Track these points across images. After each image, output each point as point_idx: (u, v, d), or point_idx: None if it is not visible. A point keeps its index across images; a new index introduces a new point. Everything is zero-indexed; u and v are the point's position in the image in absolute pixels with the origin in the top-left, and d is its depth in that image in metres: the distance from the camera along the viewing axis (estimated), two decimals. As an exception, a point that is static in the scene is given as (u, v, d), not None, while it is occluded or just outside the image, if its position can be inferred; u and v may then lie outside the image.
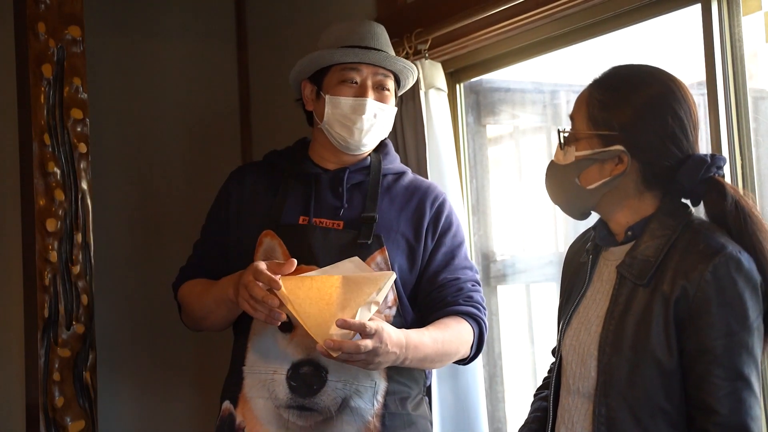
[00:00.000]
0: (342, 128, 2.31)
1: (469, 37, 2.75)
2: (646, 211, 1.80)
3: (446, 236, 2.34)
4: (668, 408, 1.69)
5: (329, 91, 2.32)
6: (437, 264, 2.31)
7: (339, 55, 2.30)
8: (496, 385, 3.06)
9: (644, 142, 1.75)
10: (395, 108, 2.38)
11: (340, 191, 2.32)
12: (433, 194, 2.38)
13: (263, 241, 2.28)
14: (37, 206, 2.72)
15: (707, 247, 1.68)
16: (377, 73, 2.32)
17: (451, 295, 2.28)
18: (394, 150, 2.48)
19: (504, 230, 3.13)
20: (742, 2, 2.23)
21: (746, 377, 1.65)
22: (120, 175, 3.42)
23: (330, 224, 2.29)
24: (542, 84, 3.06)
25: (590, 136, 1.79)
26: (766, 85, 2.29)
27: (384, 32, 2.41)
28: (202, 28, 3.65)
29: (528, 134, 3.25)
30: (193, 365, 3.50)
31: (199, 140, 3.60)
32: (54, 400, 2.69)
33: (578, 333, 1.83)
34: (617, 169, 1.77)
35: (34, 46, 2.74)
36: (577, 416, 1.81)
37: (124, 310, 3.38)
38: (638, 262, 1.75)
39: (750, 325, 1.66)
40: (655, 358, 1.69)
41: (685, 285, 1.67)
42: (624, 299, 1.75)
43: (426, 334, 2.17)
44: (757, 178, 2.21)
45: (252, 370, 2.25)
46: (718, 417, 1.64)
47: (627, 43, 2.60)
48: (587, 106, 1.80)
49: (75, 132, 2.78)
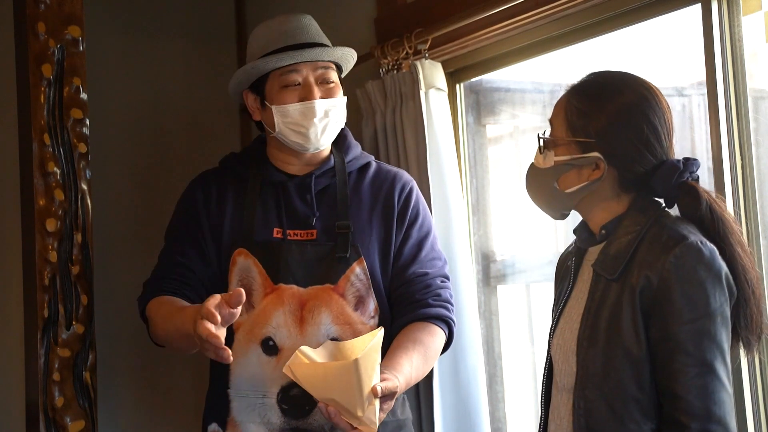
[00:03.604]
0: (296, 135, 2.25)
1: (469, 37, 2.75)
2: (621, 210, 1.86)
3: (413, 228, 2.31)
4: (640, 397, 1.73)
5: (273, 100, 2.25)
6: (405, 257, 2.28)
7: (274, 61, 2.23)
8: (496, 385, 3.06)
9: (619, 149, 1.81)
10: (344, 97, 2.30)
11: (309, 199, 2.28)
12: (401, 183, 2.34)
13: (237, 260, 2.23)
14: (37, 206, 2.72)
15: (669, 239, 1.74)
16: (317, 67, 2.25)
17: (419, 292, 2.25)
18: (352, 138, 2.41)
19: (504, 230, 3.13)
20: (742, 2, 2.23)
21: (709, 363, 1.68)
22: (120, 175, 3.42)
23: (304, 235, 2.25)
24: (542, 84, 3.06)
25: (569, 142, 1.84)
26: (766, 85, 2.29)
27: (312, 22, 2.32)
28: (202, 28, 3.65)
29: (528, 134, 3.25)
30: (193, 365, 3.50)
31: (199, 140, 3.60)
32: (54, 400, 2.69)
33: (563, 332, 1.89)
34: (594, 174, 1.84)
35: (34, 46, 2.74)
36: (563, 411, 1.86)
37: (124, 310, 3.38)
38: (610, 258, 1.81)
39: (712, 312, 1.70)
40: (626, 349, 1.73)
41: (649, 275, 1.73)
42: (599, 295, 1.81)
43: (413, 365, 2.13)
44: (757, 178, 2.21)
45: (239, 394, 2.22)
46: (683, 403, 1.68)
47: (627, 43, 2.60)
48: (565, 112, 1.86)
49: (75, 132, 2.78)
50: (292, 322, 2.19)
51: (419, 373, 2.17)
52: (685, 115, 2.58)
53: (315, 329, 2.18)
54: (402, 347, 2.16)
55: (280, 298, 2.20)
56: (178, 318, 2.10)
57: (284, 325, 2.19)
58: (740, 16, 2.23)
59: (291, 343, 2.17)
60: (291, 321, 2.19)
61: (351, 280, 2.21)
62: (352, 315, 2.22)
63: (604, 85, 1.86)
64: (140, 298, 2.34)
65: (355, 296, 2.23)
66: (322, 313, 2.19)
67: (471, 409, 2.70)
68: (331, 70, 2.28)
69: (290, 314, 2.19)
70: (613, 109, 1.81)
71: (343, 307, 2.21)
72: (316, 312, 2.19)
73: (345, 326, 2.20)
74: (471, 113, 3.09)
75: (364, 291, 2.23)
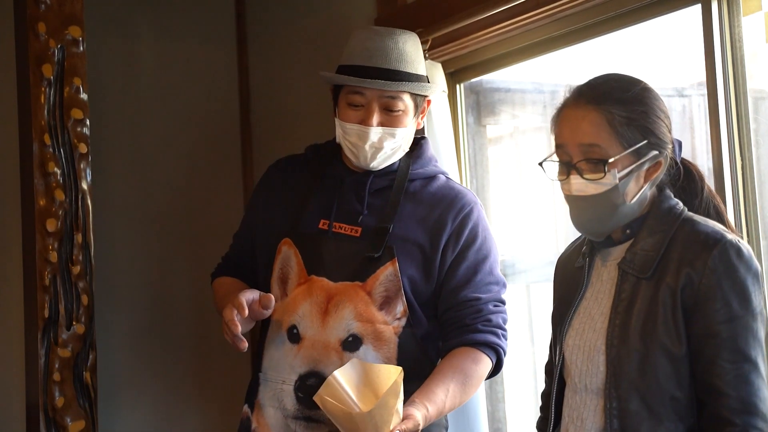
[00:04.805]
0: (350, 152, 2.29)
1: (469, 37, 2.75)
2: (644, 210, 1.86)
3: (469, 250, 2.28)
4: (679, 395, 1.73)
5: (339, 112, 2.28)
6: (458, 280, 2.26)
7: (342, 79, 2.24)
8: (496, 385, 3.06)
9: (661, 134, 1.82)
10: (411, 127, 2.29)
11: (362, 196, 2.30)
12: (460, 204, 2.31)
13: (282, 249, 2.30)
14: (37, 206, 2.72)
15: (708, 237, 1.75)
16: (383, 95, 2.23)
17: (469, 316, 2.23)
18: (430, 151, 2.41)
19: (504, 230, 3.13)
20: (742, 2, 2.22)
21: (753, 360, 1.69)
22: (120, 175, 3.42)
23: (349, 230, 2.28)
24: (542, 84, 3.06)
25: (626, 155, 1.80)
26: (766, 85, 2.29)
27: (399, 44, 2.26)
28: (202, 29, 3.65)
29: (528, 134, 3.25)
30: (193, 365, 3.50)
31: (199, 140, 3.60)
32: (54, 400, 2.70)
33: (582, 332, 1.86)
34: (652, 172, 1.83)
35: (34, 46, 2.74)
36: (586, 413, 1.83)
37: (124, 310, 3.38)
38: (639, 257, 1.80)
39: (753, 309, 1.71)
40: (665, 347, 1.73)
41: (690, 273, 1.73)
42: (627, 294, 1.80)
43: (449, 394, 2.12)
44: (757, 178, 2.21)
45: (266, 378, 2.29)
46: (728, 399, 1.68)
47: (627, 44, 2.60)
48: (611, 126, 1.79)
49: (75, 132, 2.79)
50: (316, 313, 2.22)
51: (455, 402, 2.16)
52: (685, 115, 2.59)
53: (337, 323, 2.21)
54: (440, 374, 2.16)
55: (309, 289, 2.24)
56: (226, 301, 2.28)
57: (309, 315, 2.22)
58: (740, 16, 2.23)
59: (312, 333, 2.21)
60: (315, 312, 2.22)
61: (380, 280, 2.22)
62: (375, 314, 2.22)
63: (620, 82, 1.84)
64: (212, 273, 2.54)
65: (382, 296, 2.23)
66: (346, 308, 2.21)
67: (470, 409, 2.70)
68: (398, 99, 2.24)
69: (316, 305, 2.23)
70: (640, 99, 1.81)
71: (368, 305, 2.23)
72: (341, 306, 2.22)
73: (367, 324, 2.21)
74: (471, 113, 3.09)
75: (393, 292, 2.23)
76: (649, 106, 1.81)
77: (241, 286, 2.36)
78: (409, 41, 2.29)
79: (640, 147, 1.79)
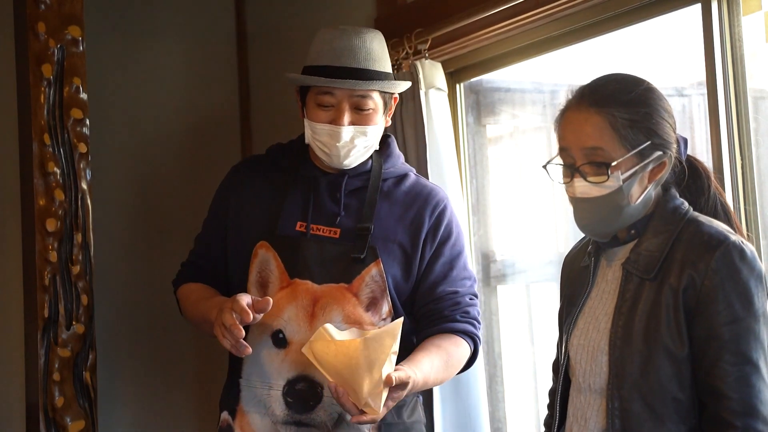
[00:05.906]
0: (321, 152, 2.27)
1: (469, 37, 2.75)
2: (648, 210, 1.85)
3: (445, 246, 2.31)
4: (681, 397, 1.73)
5: (308, 113, 2.27)
6: (436, 275, 2.29)
7: (311, 80, 2.23)
8: (496, 385, 3.06)
9: (664, 133, 1.81)
10: (377, 125, 2.28)
11: (338, 197, 2.30)
12: (434, 201, 2.33)
13: (258, 252, 2.26)
14: (37, 206, 2.72)
15: (711, 238, 1.74)
16: (353, 94, 2.22)
17: (447, 308, 2.26)
18: (397, 149, 2.43)
19: (504, 230, 3.13)
20: (742, 2, 2.23)
21: (755, 362, 1.69)
22: (120, 175, 3.42)
23: (327, 231, 2.27)
24: (542, 84, 3.06)
25: (629, 156, 1.79)
26: (766, 85, 2.29)
27: (367, 42, 2.25)
28: (201, 28, 3.65)
29: (528, 134, 3.25)
30: (193, 365, 3.50)
31: (199, 140, 3.60)
32: (54, 400, 2.70)
33: (586, 332, 1.87)
34: (656, 172, 1.82)
35: (34, 46, 2.74)
36: (589, 413, 1.84)
37: (124, 310, 3.38)
38: (643, 257, 1.80)
39: (756, 311, 1.71)
40: (667, 348, 1.73)
41: (693, 274, 1.72)
42: (631, 294, 1.80)
43: (433, 366, 2.15)
44: (757, 178, 2.22)
45: (248, 384, 2.25)
46: (729, 401, 1.68)
47: (627, 43, 2.60)
48: (613, 128, 1.79)
49: (75, 132, 2.79)
50: (303, 317, 2.20)
51: (438, 375, 2.17)
52: (685, 115, 2.58)
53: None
54: (425, 350, 2.18)
55: (293, 293, 2.22)
56: (205, 306, 2.25)
57: (295, 319, 2.20)
58: (740, 16, 2.23)
59: (300, 338, 2.19)
60: (302, 316, 2.21)
61: (366, 281, 2.22)
62: (363, 315, 2.22)
63: (622, 83, 1.82)
64: (174, 281, 2.46)
65: (368, 297, 2.24)
66: (334, 311, 2.20)
67: (471, 409, 2.70)
68: (369, 98, 2.24)
69: (302, 309, 2.21)
70: (643, 100, 1.80)
71: (355, 307, 2.22)
72: (328, 309, 2.21)
73: (355, 325, 2.20)
74: (471, 113, 3.09)
75: (379, 293, 2.24)
76: (653, 106, 1.80)
77: (212, 292, 2.32)
78: (376, 39, 2.28)
79: (643, 148, 1.79)
